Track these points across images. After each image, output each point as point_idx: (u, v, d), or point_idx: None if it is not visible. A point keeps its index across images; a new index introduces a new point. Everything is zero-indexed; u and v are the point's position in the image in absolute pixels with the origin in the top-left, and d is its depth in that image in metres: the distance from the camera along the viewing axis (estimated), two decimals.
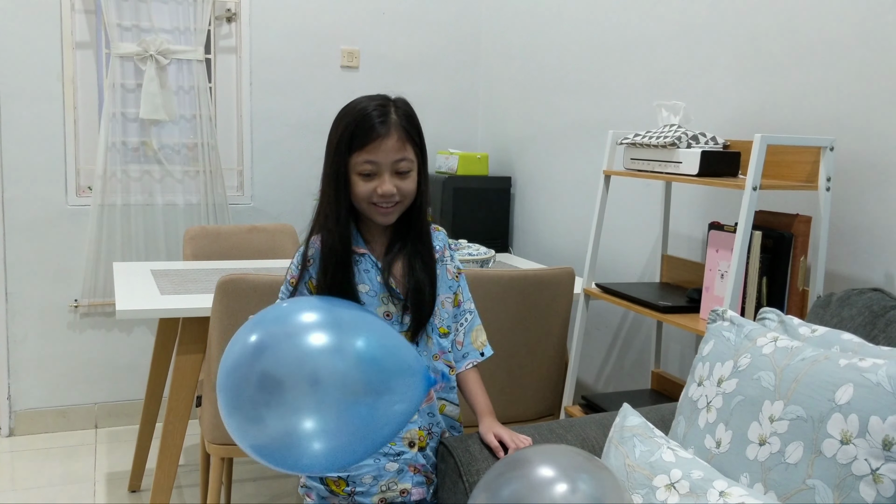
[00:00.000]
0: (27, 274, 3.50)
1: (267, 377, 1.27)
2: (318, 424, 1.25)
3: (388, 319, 1.57)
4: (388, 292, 1.56)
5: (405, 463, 1.60)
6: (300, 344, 1.30)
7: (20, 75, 3.39)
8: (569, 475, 1.19)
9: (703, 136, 2.18)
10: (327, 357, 1.29)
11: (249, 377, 1.28)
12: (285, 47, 3.74)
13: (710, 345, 1.55)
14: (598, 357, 3.04)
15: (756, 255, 1.99)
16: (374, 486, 1.58)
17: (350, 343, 1.33)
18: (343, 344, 1.32)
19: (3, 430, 3.55)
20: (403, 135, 1.51)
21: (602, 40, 3.01)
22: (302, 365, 1.27)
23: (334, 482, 1.59)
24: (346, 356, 1.30)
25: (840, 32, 2.05)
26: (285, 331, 1.32)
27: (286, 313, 1.37)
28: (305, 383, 1.25)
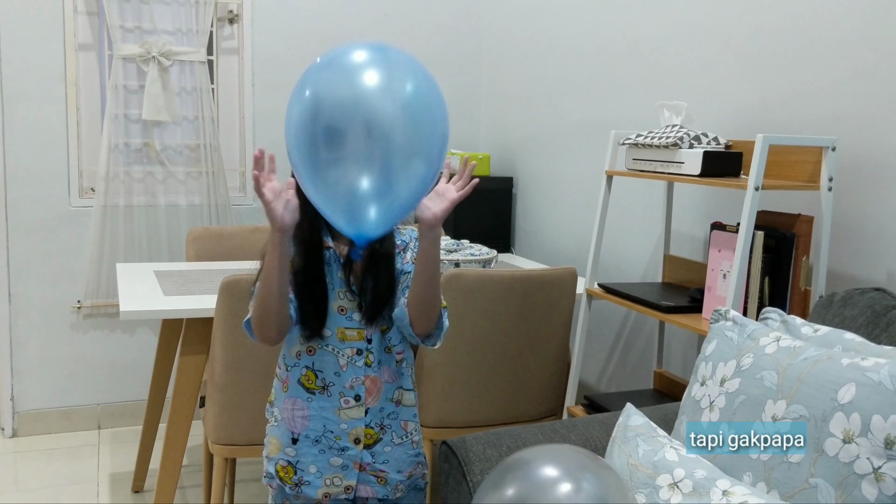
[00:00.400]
0: (30, 275, 3.51)
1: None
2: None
3: (342, 314, 1.59)
4: (346, 287, 1.58)
5: (349, 459, 1.61)
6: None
7: (23, 77, 3.40)
8: (572, 474, 1.19)
9: (706, 137, 2.18)
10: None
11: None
12: (287, 48, 3.74)
13: (713, 344, 1.56)
14: (601, 357, 3.05)
15: (758, 255, 2.00)
16: (318, 478, 1.61)
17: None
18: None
19: (7, 431, 3.56)
20: None
21: (604, 40, 3.01)
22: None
23: (283, 469, 1.62)
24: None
25: (842, 33, 2.06)
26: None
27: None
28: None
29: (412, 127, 1.32)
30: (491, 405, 2.45)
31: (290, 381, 1.61)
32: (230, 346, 2.25)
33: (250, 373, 2.27)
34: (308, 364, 1.60)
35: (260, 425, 2.31)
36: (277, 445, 1.63)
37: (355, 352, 1.58)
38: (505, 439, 1.69)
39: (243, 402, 2.30)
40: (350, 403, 1.59)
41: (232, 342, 2.24)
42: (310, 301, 1.56)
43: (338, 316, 1.58)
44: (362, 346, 1.59)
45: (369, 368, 1.59)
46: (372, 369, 1.60)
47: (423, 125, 1.33)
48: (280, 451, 1.63)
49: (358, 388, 1.59)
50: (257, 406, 2.30)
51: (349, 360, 1.58)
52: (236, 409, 2.31)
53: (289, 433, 1.62)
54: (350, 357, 1.58)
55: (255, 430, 2.32)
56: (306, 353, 1.60)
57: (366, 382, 1.59)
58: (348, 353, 1.58)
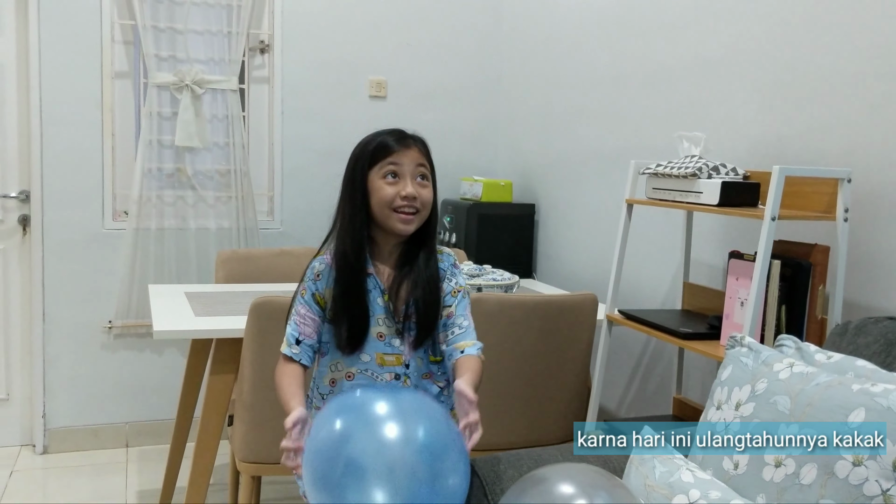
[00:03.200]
0: (63, 295, 3.61)
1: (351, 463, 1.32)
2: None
3: (381, 340, 1.64)
4: (385, 314, 1.64)
5: None
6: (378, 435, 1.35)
7: (62, 103, 3.51)
8: (587, 492, 1.25)
9: (724, 167, 2.24)
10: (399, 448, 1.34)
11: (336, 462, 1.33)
12: (316, 77, 3.84)
13: (729, 370, 1.60)
14: (621, 383, 3.08)
15: (775, 284, 2.04)
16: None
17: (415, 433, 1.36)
18: (410, 435, 1.36)
19: (38, 448, 3.64)
20: (422, 151, 1.65)
21: (623, 70, 3.08)
22: (380, 455, 1.32)
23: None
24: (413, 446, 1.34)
25: (858, 66, 2.11)
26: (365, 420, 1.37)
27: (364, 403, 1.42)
28: (383, 471, 1.31)
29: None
30: (511, 429, 2.49)
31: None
32: (259, 366, 2.32)
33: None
34: (346, 390, 1.65)
35: None
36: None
37: (393, 376, 1.64)
38: (525, 460, 1.74)
39: (271, 421, 2.36)
40: None
41: (260, 362, 2.31)
42: (347, 325, 1.62)
43: (377, 342, 1.63)
44: (400, 370, 1.64)
45: None
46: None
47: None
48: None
49: None
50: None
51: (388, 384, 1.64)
52: (264, 427, 2.37)
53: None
54: (388, 382, 1.64)
55: None
56: (345, 379, 1.65)
57: None
58: (387, 377, 1.64)
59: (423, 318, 1.63)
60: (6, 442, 3.66)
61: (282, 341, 1.98)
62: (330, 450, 1.35)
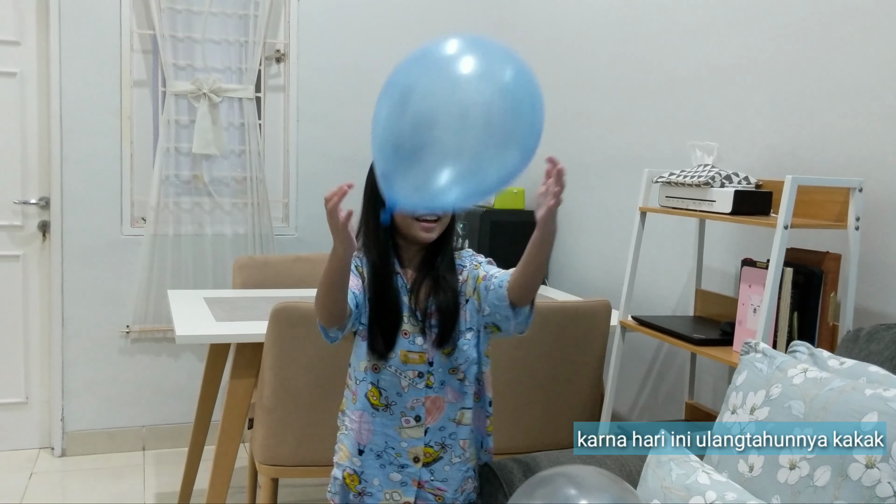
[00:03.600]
0: (82, 300, 3.66)
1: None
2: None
3: (406, 337, 1.70)
4: (409, 312, 1.70)
5: (409, 476, 1.71)
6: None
7: (82, 112, 3.57)
8: (592, 492, 1.30)
9: (736, 176, 2.27)
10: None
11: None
12: (330, 85, 3.90)
13: (744, 375, 1.64)
14: (633, 388, 3.12)
15: (787, 291, 2.08)
16: (379, 491, 1.71)
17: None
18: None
19: (56, 451, 3.69)
20: None
21: (637, 79, 3.12)
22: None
23: (349, 476, 1.73)
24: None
25: (869, 77, 2.15)
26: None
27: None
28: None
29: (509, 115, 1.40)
30: (526, 432, 2.53)
31: (359, 394, 1.72)
32: (279, 370, 2.36)
33: (298, 396, 2.38)
34: (374, 381, 1.71)
35: (305, 447, 2.42)
36: (346, 454, 1.75)
37: (417, 374, 1.69)
38: (542, 463, 1.78)
39: (290, 425, 2.41)
40: (410, 423, 1.70)
41: (281, 366, 2.36)
42: (381, 328, 1.68)
43: (401, 339, 1.69)
44: (423, 368, 1.69)
45: (430, 390, 1.70)
46: (433, 390, 1.70)
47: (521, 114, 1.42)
48: (348, 459, 1.74)
49: (418, 408, 1.69)
50: (304, 428, 2.41)
51: (411, 381, 1.69)
52: (283, 430, 2.41)
53: (356, 444, 1.73)
54: (412, 379, 1.69)
55: (301, 452, 2.43)
56: (372, 370, 1.71)
57: (426, 403, 1.69)
58: (410, 374, 1.69)
59: (443, 317, 1.69)
60: (25, 445, 3.72)
61: (302, 351, 2.04)
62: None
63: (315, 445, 2.43)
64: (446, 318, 1.69)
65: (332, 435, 2.41)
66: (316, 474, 2.53)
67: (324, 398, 2.40)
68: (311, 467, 2.45)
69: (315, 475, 2.52)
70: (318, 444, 2.42)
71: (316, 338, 2.33)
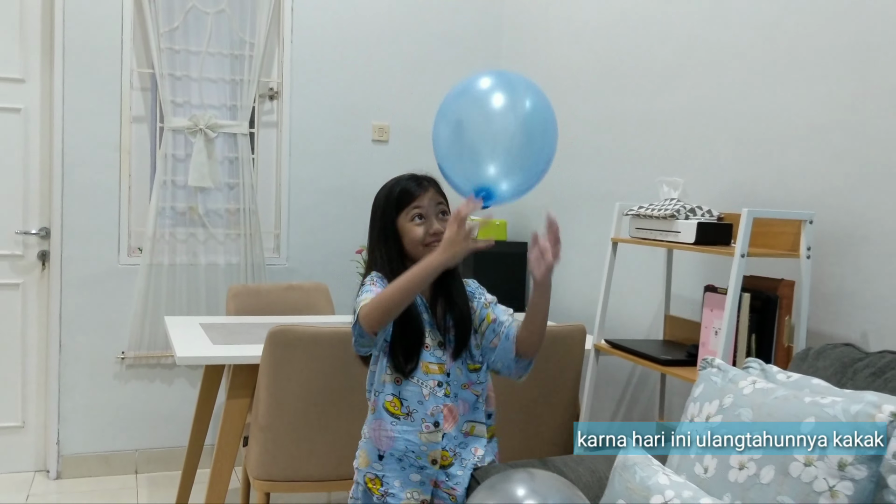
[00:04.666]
0: (79, 327, 3.79)
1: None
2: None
3: (427, 350, 1.87)
4: (430, 327, 1.89)
5: (427, 477, 1.86)
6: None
7: (82, 146, 3.73)
8: (541, 493, 1.48)
9: (700, 209, 2.46)
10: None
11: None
12: (322, 122, 4.08)
13: (701, 388, 1.81)
14: (609, 409, 3.28)
15: (745, 315, 2.26)
16: (401, 491, 1.85)
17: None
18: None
19: (51, 474, 3.79)
20: (437, 189, 1.93)
21: (611, 119, 3.33)
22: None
23: (371, 480, 1.86)
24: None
25: (821, 120, 2.35)
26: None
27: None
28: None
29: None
30: (507, 450, 2.67)
31: (378, 404, 1.87)
32: (274, 390, 2.51)
33: (291, 414, 2.53)
34: (395, 392, 1.86)
35: (298, 463, 2.56)
36: (366, 460, 1.88)
37: (436, 384, 1.86)
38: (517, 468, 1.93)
39: (284, 442, 2.55)
40: (430, 429, 1.85)
41: (276, 386, 2.50)
42: (403, 345, 1.84)
43: (423, 352, 1.86)
44: (442, 378, 1.87)
45: (447, 398, 1.86)
46: (450, 399, 1.87)
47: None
48: (369, 465, 1.88)
49: (437, 415, 1.85)
50: (297, 445, 2.55)
51: (431, 390, 1.85)
52: (277, 447, 2.55)
53: (376, 450, 1.87)
54: (432, 388, 1.86)
55: (294, 468, 2.56)
56: (393, 383, 1.86)
57: (444, 410, 1.86)
58: (430, 384, 1.86)
59: (459, 330, 1.89)
60: (21, 468, 3.82)
61: (295, 371, 2.20)
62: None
63: (307, 462, 2.57)
64: (462, 330, 1.89)
65: (324, 451, 2.57)
66: (308, 489, 2.67)
67: (316, 417, 2.55)
68: (304, 482, 2.59)
69: (307, 490, 2.66)
70: (310, 460, 2.57)
71: (309, 359, 2.50)
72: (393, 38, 4.17)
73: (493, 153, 1.74)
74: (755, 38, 2.61)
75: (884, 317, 2.14)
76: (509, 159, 1.75)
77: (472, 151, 1.75)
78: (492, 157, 1.74)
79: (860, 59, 2.24)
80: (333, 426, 2.56)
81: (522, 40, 4.14)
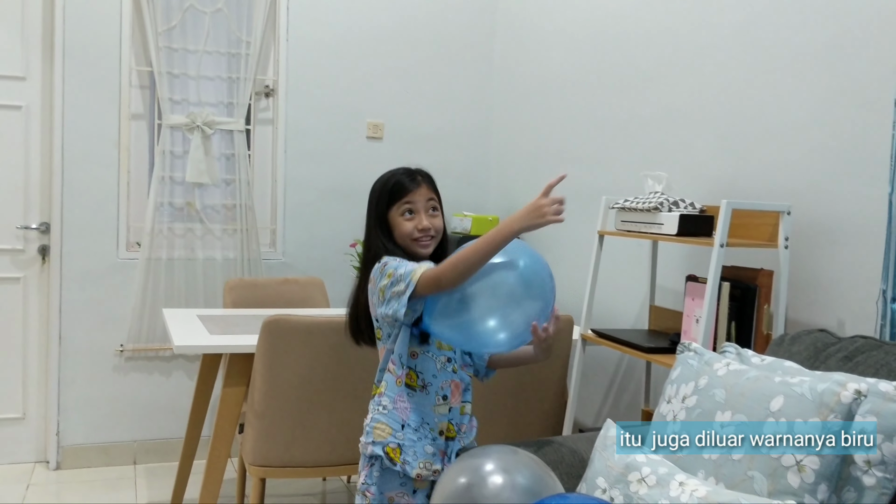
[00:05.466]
0: (79, 320, 3.86)
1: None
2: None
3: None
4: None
5: (437, 448, 1.94)
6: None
7: (82, 143, 3.80)
8: (509, 470, 1.57)
9: (683, 202, 2.54)
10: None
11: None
12: (317, 120, 4.15)
13: (678, 371, 1.89)
14: (597, 398, 3.36)
15: (725, 303, 2.33)
16: (415, 460, 1.91)
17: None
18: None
19: (51, 464, 3.86)
20: (429, 185, 2.02)
21: (600, 117, 3.40)
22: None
23: (392, 450, 1.91)
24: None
25: (798, 116, 2.43)
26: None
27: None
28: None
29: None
30: (496, 436, 2.74)
31: (403, 377, 1.93)
32: (269, 378, 2.58)
33: (286, 401, 2.60)
34: (412, 366, 1.93)
35: (293, 449, 2.63)
36: (388, 430, 1.91)
37: (446, 359, 1.96)
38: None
39: (279, 429, 2.62)
40: (440, 402, 1.94)
41: (271, 374, 2.58)
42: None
43: None
44: (451, 355, 1.97)
45: (454, 375, 1.97)
46: (457, 375, 1.97)
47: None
48: (391, 435, 1.91)
49: (446, 389, 1.94)
50: (291, 431, 2.63)
51: (442, 365, 1.94)
52: (272, 434, 2.62)
53: (399, 420, 1.92)
54: (443, 363, 1.95)
55: (289, 453, 2.64)
56: (410, 357, 1.94)
57: (451, 386, 1.95)
58: (442, 359, 1.95)
59: None
60: (22, 458, 3.89)
61: (290, 360, 2.28)
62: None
63: (302, 447, 2.64)
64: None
65: (318, 437, 2.64)
66: (303, 475, 2.74)
67: (310, 404, 2.63)
68: (298, 468, 2.66)
69: (302, 475, 2.73)
70: (305, 446, 2.64)
71: (303, 348, 2.58)
72: (387, 38, 4.25)
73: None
74: (735, 39, 2.69)
75: (858, 304, 2.22)
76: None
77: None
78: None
79: (834, 58, 2.32)
80: (327, 413, 2.64)
81: (514, 41, 4.21)
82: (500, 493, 1.57)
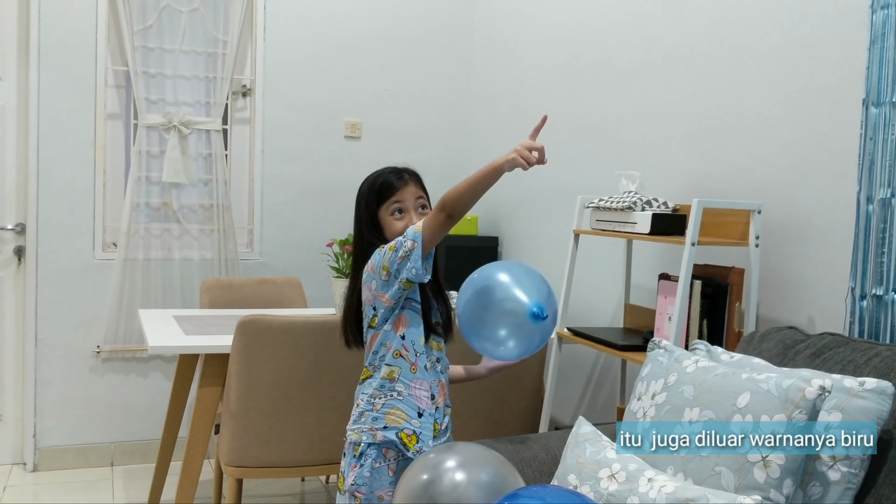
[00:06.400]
0: (55, 321, 3.84)
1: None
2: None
3: (435, 329, 2.01)
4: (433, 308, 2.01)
5: (437, 440, 1.92)
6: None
7: (58, 143, 3.78)
8: (472, 465, 1.58)
9: (656, 201, 2.56)
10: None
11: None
12: (294, 119, 4.15)
13: (648, 368, 1.90)
14: (574, 396, 3.38)
15: (697, 301, 2.36)
16: (427, 448, 1.89)
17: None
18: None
19: (28, 466, 3.84)
20: (417, 184, 2.03)
21: (576, 118, 3.42)
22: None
23: (408, 437, 1.88)
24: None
25: (768, 115, 2.46)
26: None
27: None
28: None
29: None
30: (475, 432, 2.76)
31: (419, 365, 1.92)
32: (244, 378, 2.58)
33: (260, 401, 2.60)
34: (426, 354, 1.95)
35: (269, 449, 2.63)
36: (404, 416, 1.88)
37: (436, 359, 1.97)
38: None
39: (255, 429, 2.62)
40: (428, 398, 1.94)
41: (246, 374, 2.58)
42: (432, 307, 1.98)
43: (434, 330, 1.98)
44: (440, 355, 1.98)
45: (442, 375, 1.97)
46: (444, 376, 1.98)
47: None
48: (406, 421, 1.88)
49: (434, 388, 1.94)
50: (267, 431, 2.63)
51: (433, 364, 1.95)
52: (249, 434, 2.62)
53: (416, 407, 1.89)
54: (434, 363, 1.95)
55: (265, 454, 2.64)
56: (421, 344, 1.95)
57: (438, 385, 1.95)
58: (433, 358, 1.96)
59: (449, 312, 2.03)
60: None
61: (265, 360, 2.30)
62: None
63: (278, 447, 2.64)
64: (448, 318, 2.02)
65: (294, 437, 2.64)
66: (279, 475, 2.74)
67: (286, 403, 2.63)
68: (275, 468, 2.66)
69: (278, 475, 2.73)
70: (281, 446, 2.64)
71: (279, 347, 2.58)
72: (365, 36, 4.25)
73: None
74: (707, 40, 2.71)
75: (828, 302, 2.24)
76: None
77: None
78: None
79: (804, 58, 2.34)
80: (304, 412, 2.64)
81: (491, 41, 4.23)
82: (456, 489, 1.58)
